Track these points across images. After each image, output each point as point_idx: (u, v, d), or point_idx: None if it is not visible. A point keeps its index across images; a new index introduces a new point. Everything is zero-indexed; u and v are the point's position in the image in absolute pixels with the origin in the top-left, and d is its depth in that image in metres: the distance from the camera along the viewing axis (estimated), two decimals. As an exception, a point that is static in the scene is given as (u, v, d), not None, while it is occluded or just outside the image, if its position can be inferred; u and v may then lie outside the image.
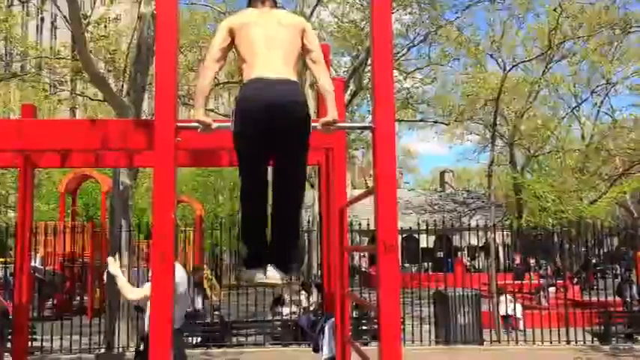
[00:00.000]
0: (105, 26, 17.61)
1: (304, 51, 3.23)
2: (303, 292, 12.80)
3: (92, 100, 21.21)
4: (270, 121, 2.97)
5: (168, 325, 2.70)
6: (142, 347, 4.35)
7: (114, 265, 4.48)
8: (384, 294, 2.77)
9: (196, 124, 3.09)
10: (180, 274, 4.30)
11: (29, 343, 8.43)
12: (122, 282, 4.39)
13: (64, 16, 12.32)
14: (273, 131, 3.00)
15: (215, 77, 3.37)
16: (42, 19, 46.52)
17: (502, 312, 12.91)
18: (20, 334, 5.31)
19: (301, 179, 3.27)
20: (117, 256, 4.79)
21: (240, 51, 3.15)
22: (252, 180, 3.14)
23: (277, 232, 3.21)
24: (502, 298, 13.25)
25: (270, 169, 3.23)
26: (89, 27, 15.12)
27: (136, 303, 4.43)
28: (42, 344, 10.15)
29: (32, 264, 8.57)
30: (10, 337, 6.68)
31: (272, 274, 3.16)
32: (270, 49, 3.08)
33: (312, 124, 3.26)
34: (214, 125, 3.13)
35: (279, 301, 12.37)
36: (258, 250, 3.21)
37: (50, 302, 14.77)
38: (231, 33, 3.17)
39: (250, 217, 3.20)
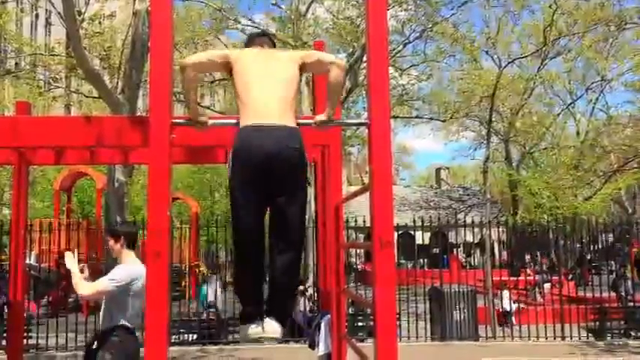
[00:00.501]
0: (99, 23, 17.54)
1: (309, 66, 3.20)
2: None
3: (87, 97, 21.13)
4: (267, 170, 2.91)
5: (163, 324, 2.69)
6: (94, 345, 4.24)
7: (71, 260, 4.33)
8: (379, 290, 2.77)
9: (191, 121, 3.10)
10: (139, 269, 4.21)
11: (24, 340, 8.41)
12: (77, 278, 4.24)
13: (59, 13, 12.28)
14: (270, 180, 2.93)
15: (210, 74, 3.36)
16: (36, 16, 46.31)
17: (503, 307, 13.00)
18: (15, 331, 5.30)
19: (300, 227, 3.14)
20: (75, 250, 4.66)
21: (237, 87, 3.09)
22: (247, 229, 3.01)
23: (275, 284, 3.07)
24: (504, 293, 13.34)
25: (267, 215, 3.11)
26: (84, 24, 15.05)
27: (88, 299, 4.32)
28: (37, 342, 10.13)
29: (27, 261, 8.55)
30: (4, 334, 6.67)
31: (271, 328, 3.01)
32: (267, 89, 3.02)
33: (308, 121, 3.28)
34: (210, 122, 3.13)
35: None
36: (254, 303, 3.06)
37: (45, 300, 14.73)
38: (227, 60, 3.13)
39: (245, 270, 3.07)
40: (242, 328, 3.09)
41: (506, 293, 13.44)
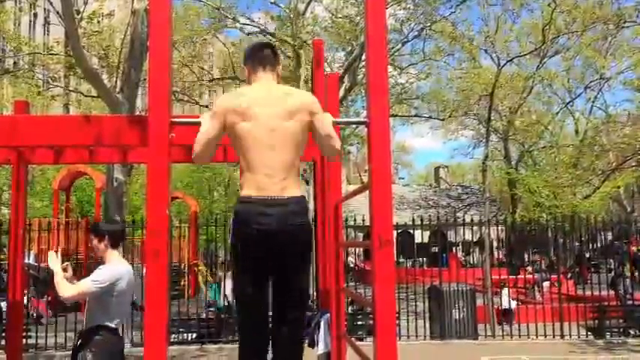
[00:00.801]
0: (98, 22, 17.50)
1: (315, 131, 2.96)
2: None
3: (86, 96, 21.13)
4: (269, 248, 2.84)
5: (163, 323, 2.69)
6: (79, 342, 4.16)
7: (54, 259, 4.20)
8: (379, 289, 2.77)
9: (191, 120, 3.10)
10: (122, 269, 4.17)
11: (23, 340, 8.40)
12: (59, 277, 4.11)
13: (57, 12, 12.27)
14: (273, 255, 2.87)
15: (209, 73, 3.33)
16: (35, 15, 46.27)
17: (504, 305, 13.03)
18: (14, 331, 5.29)
19: (304, 298, 3.09)
20: (59, 250, 4.55)
21: (238, 145, 2.91)
22: (250, 304, 2.95)
23: (279, 351, 3.02)
24: (504, 291, 13.37)
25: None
26: (82, 22, 15.03)
27: (69, 300, 4.21)
28: (37, 341, 10.13)
29: (26, 261, 8.54)
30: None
31: None
32: (272, 150, 2.84)
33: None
34: None
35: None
36: None
37: (44, 299, 14.71)
38: (226, 120, 2.90)
39: (250, 345, 2.99)
40: None
41: (505, 291, 13.47)
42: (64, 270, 4.25)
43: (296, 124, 2.90)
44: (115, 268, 4.20)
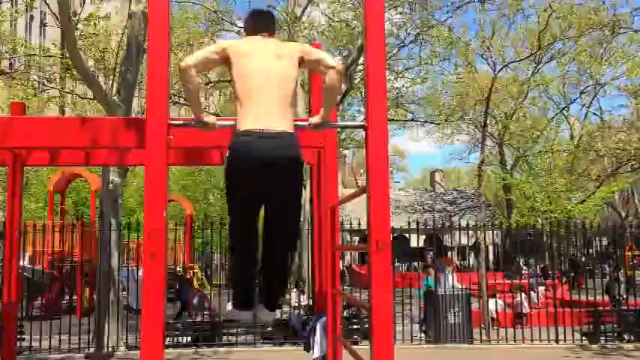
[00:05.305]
0: (94, 24, 17.46)
1: (307, 63, 3.18)
2: (294, 291, 12.78)
3: (82, 98, 21.08)
4: (262, 177, 2.97)
5: (159, 325, 2.69)
6: None
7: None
8: (376, 293, 2.77)
9: (188, 122, 3.10)
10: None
11: (17, 343, 8.37)
12: None
13: (54, 14, 12.24)
14: (265, 185, 3.00)
15: (206, 76, 3.36)
16: (31, 17, 46.17)
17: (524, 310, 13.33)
18: (8, 333, 5.27)
19: (294, 230, 3.27)
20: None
21: (234, 85, 3.09)
22: (242, 229, 3.14)
23: (268, 279, 3.26)
24: (522, 295, 13.64)
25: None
26: (79, 25, 15.01)
27: None
28: (31, 344, 10.07)
29: (21, 263, 8.50)
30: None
31: (262, 316, 3.26)
32: (266, 90, 3.01)
33: (303, 123, 3.28)
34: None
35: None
36: (247, 294, 3.26)
37: (39, 301, 14.66)
38: (225, 54, 3.09)
39: (240, 265, 3.23)
40: (236, 313, 3.29)
41: (523, 295, 13.72)
42: None
43: (288, 65, 3.09)
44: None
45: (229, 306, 3.34)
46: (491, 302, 13.33)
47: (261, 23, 3.30)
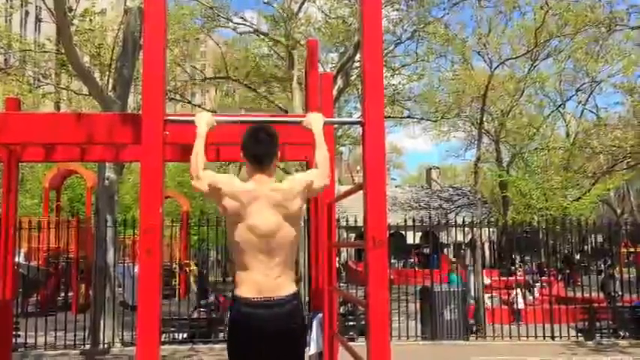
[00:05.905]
0: (90, 20, 17.40)
1: (310, 191, 3.06)
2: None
3: (77, 94, 21.01)
4: (265, 348, 2.95)
5: (155, 321, 2.68)
6: None
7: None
8: (372, 289, 2.76)
9: (184, 119, 3.09)
10: None
11: (13, 339, 8.35)
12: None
13: (49, 9, 12.18)
14: (268, 354, 2.98)
15: (201, 73, 3.30)
16: (26, 13, 45.95)
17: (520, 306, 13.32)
18: (4, 329, 5.25)
19: None
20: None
21: (231, 242, 2.99)
22: None
23: None
24: (517, 292, 13.62)
25: None
26: (74, 20, 14.95)
27: None
28: (26, 340, 10.05)
29: (16, 260, 8.48)
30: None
31: None
32: (266, 254, 2.92)
33: (298, 119, 3.28)
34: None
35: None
36: None
37: (34, 298, 14.62)
38: (223, 199, 2.94)
39: None
40: None
41: (518, 292, 13.71)
42: None
43: (293, 209, 2.95)
44: None
45: None
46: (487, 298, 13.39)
47: (259, 156, 3.01)
